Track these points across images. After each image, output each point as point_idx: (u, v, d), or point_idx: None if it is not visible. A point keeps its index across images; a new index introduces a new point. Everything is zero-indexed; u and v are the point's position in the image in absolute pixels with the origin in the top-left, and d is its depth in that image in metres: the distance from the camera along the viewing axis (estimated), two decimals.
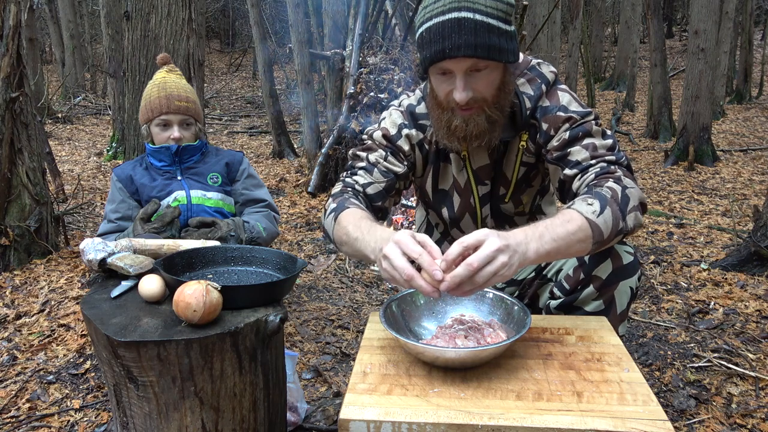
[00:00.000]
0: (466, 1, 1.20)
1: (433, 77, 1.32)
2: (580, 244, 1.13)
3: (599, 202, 1.16)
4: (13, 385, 2.03)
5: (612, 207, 1.16)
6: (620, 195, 1.19)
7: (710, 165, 6.41)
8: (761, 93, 11.29)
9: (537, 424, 0.88)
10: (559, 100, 1.40)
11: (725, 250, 3.56)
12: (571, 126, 1.36)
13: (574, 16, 9.38)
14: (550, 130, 1.39)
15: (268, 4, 15.78)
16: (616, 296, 1.33)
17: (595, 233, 1.13)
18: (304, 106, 5.97)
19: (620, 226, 1.17)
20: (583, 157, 1.31)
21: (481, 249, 0.98)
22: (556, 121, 1.38)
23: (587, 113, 1.37)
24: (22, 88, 3.14)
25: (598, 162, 1.30)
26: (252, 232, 1.91)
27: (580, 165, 1.31)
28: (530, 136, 1.44)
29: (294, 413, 1.76)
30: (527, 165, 1.49)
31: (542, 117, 1.40)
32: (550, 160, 1.39)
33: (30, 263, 3.18)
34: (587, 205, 1.15)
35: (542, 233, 1.08)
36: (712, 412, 1.89)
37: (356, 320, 2.67)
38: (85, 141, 8.67)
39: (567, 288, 1.38)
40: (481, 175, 1.51)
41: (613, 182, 1.22)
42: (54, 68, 15.40)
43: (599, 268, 1.32)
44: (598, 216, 1.14)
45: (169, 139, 2.02)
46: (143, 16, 3.59)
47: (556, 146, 1.37)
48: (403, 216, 3.75)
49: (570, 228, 1.11)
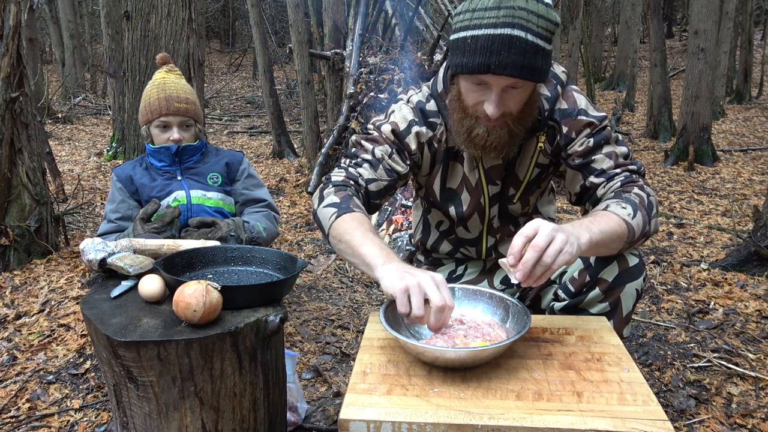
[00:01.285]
0: (521, 19, 1.17)
1: (464, 82, 1.30)
2: (618, 242, 1.22)
3: (631, 206, 1.25)
4: (13, 385, 2.03)
5: (641, 212, 1.25)
6: (647, 202, 1.28)
7: (710, 165, 6.41)
8: (761, 93, 11.28)
9: (537, 424, 0.88)
10: (576, 102, 1.41)
11: (725, 250, 3.56)
12: (593, 132, 1.38)
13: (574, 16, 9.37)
14: (571, 132, 1.40)
15: (268, 4, 15.78)
16: (622, 298, 1.33)
17: (630, 234, 1.22)
18: (304, 106, 5.97)
19: (646, 229, 1.26)
20: (608, 166, 1.37)
21: (540, 232, 1.04)
22: (577, 125, 1.39)
23: (604, 117, 1.41)
24: (22, 88, 3.14)
25: (622, 171, 1.36)
26: (252, 232, 1.91)
27: (605, 173, 1.37)
28: (548, 138, 1.44)
29: (294, 413, 1.76)
30: (541, 166, 1.49)
31: (562, 119, 1.41)
32: (572, 166, 1.41)
33: (30, 263, 3.18)
34: (622, 209, 1.24)
35: (589, 226, 1.15)
36: (712, 412, 1.89)
37: (356, 320, 2.67)
38: (85, 141, 8.67)
39: (572, 290, 1.37)
40: (493, 175, 1.49)
41: (638, 189, 1.31)
42: (54, 68, 15.40)
43: (605, 270, 1.32)
44: (632, 218, 1.23)
45: (169, 141, 2.02)
46: (143, 16, 3.59)
47: (580, 152, 1.39)
48: (403, 216, 3.75)
49: (612, 225, 1.19)
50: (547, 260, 1.03)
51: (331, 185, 1.40)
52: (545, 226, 1.05)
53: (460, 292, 1.26)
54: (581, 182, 1.40)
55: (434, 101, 1.47)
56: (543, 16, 1.19)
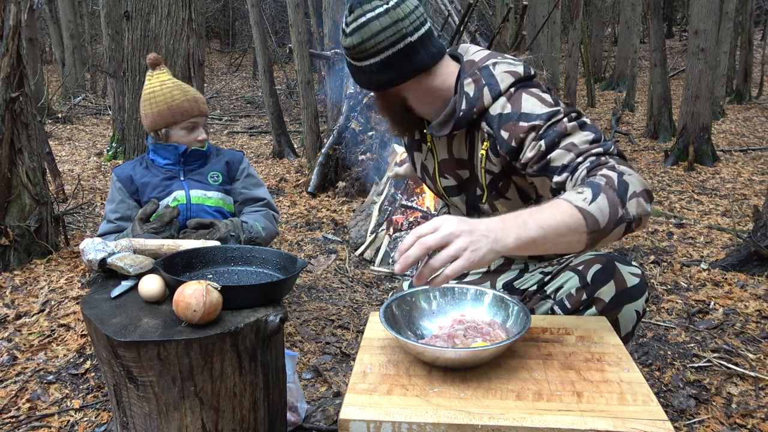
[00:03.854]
0: (355, 53, 1.32)
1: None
2: (574, 235, 1.03)
3: (591, 189, 1.06)
4: (13, 385, 2.03)
5: (607, 193, 1.05)
6: (616, 181, 1.08)
7: (710, 165, 6.40)
8: (761, 93, 11.28)
9: (537, 424, 0.88)
10: (520, 106, 1.28)
11: (725, 250, 3.56)
12: (540, 134, 1.23)
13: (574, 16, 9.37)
14: (511, 141, 1.27)
15: (268, 4, 15.78)
16: (620, 320, 1.29)
17: (589, 222, 1.03)
18: (304, 106, 5.97)
19: (620, 213, 1.05)
20: (569, 159, 1.20)
21: (437, 232, 0.96)
22: (517, 132, 1.26)
23: (553, 113, 1.24)
24: (22, 88, 3.14)
25: (586, 158, 1.18)
26: (251, 233, 1.91)
27: (568, 168, 1.20)
28: (491, 146, 1.37)
29: (294, 413, 1.76)
30: (491, 173, 1.42)
31: (502, 126, 1.29)
32: (533, 174, 1.27)
33: (30, 263, 3.18)
34: (577, 194, 1.06)
35: (525, 220, 1.01)
36: (712, 412, 1.89)
37: (356, 320, 2.67)
38: (85, 141, 8.67)
39: (568, 307, 1.34)
40: (443, 168, 1.53)
41: (607, 170, 1.11)
42: (54, 68, 15.40)
43: (602, 290, 1.28)
44: (590, 203, 1.03)
45: (195, 141, 2.06)
46: (143, 16, 3.59)
47: (534, 158, 1.24)
48: (403, 216, 3.75)
49: (558, 216, 1.02)
50: (434, 264, 0.95)
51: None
52: (447, 226, 0.96)
53: (461, 292, 1.26)
54: (550, 185, 1.26)
55: None
56: (366, 38, 1.29)
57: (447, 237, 0.95)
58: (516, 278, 1.59)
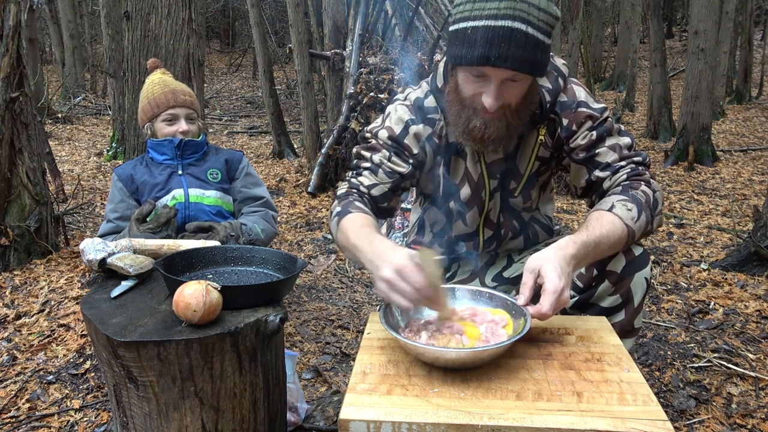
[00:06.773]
0: (522, 11, 1.16)
1: (462, 74, 1.29)
2: (615, 249, 1.26)
3: (637, 207, 1.25)
4: (13, 385, 2.03)
5: (646, 212, 1.26)
6: (652, 200, 1.29)
7: (710, 165, 6.40)
8: (761, 93, 11.28)
9: (537, 424, 0.88)
10: (575, 95, 1.40)
11: (725, 250, 3.56)
12: (595, 125, 1.38)
13: (574, 16, 9.37)
14: (571, 125, 1.39)
15: (268, 4, 15.78)
16: (633, 288, 1.33)
17: (630, 238, 1.24)
18: (304, 106, 5.97)
19: (648, 228, 1.28)
20: (613, 159, 1.36)
21: (564, 289, 1.09)
22: (577, 118, 1.38)
23: (604, 109, 1.40)
24: (22, 88, 3.14)
25: (628, 163, 1.36)
26: (250, 235, 1.91)
27: (611, 167, 1.37)
28: (549, 131, 1.43)
29: (294, 413, 1.76)
30: (542, 159, 1.48)
31: (562, 112, 1.40)
32: (577, 160, 1.40)
33: (30, 263, 3.18)
34: (627, 211, 1.24)
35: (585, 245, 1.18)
36: (712, 412, 1.89)
37: (356, 320, 2.67)
38: (85, 141, 8.66)
39: (580, 286, 1.37)
40: (494, 169, 1.49)
41: (645, 186, 1.31)
42: (54, 68, 15.39)
43: (613, 262, 1.33)
44: (635, 222, 1.24)
45: (177, 133, 2.05)
46: (143, 16, 3.59)
47: (583, 146, 1.38)
48: (400, 217, 3.74)
49: (614, 237, 1.22)
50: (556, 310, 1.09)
51: (336, 200, 1.43)
52: (562, 282, 1.08)
53: (461, 293, 1.26)
54: (586, 176, 1.41)
55: (433, 97, 1.47)
56: (544, 9, 1.19)
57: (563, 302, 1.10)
58: (505, 268, 1.61)
